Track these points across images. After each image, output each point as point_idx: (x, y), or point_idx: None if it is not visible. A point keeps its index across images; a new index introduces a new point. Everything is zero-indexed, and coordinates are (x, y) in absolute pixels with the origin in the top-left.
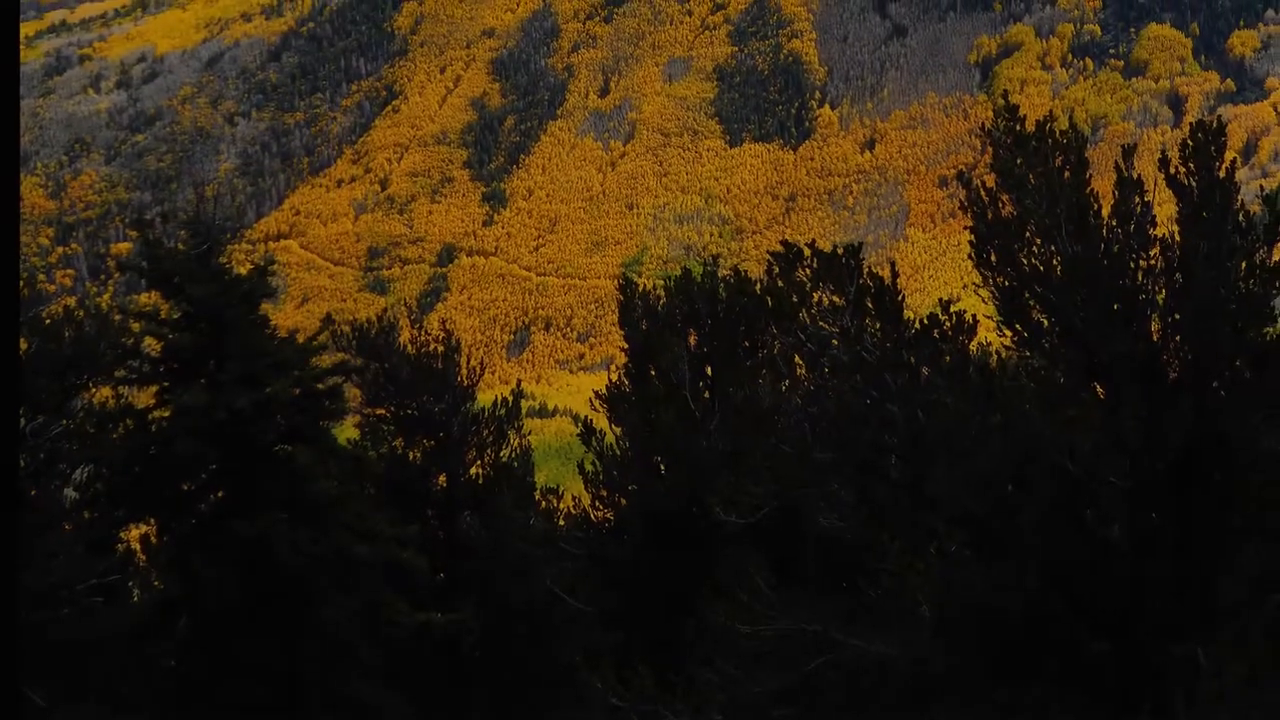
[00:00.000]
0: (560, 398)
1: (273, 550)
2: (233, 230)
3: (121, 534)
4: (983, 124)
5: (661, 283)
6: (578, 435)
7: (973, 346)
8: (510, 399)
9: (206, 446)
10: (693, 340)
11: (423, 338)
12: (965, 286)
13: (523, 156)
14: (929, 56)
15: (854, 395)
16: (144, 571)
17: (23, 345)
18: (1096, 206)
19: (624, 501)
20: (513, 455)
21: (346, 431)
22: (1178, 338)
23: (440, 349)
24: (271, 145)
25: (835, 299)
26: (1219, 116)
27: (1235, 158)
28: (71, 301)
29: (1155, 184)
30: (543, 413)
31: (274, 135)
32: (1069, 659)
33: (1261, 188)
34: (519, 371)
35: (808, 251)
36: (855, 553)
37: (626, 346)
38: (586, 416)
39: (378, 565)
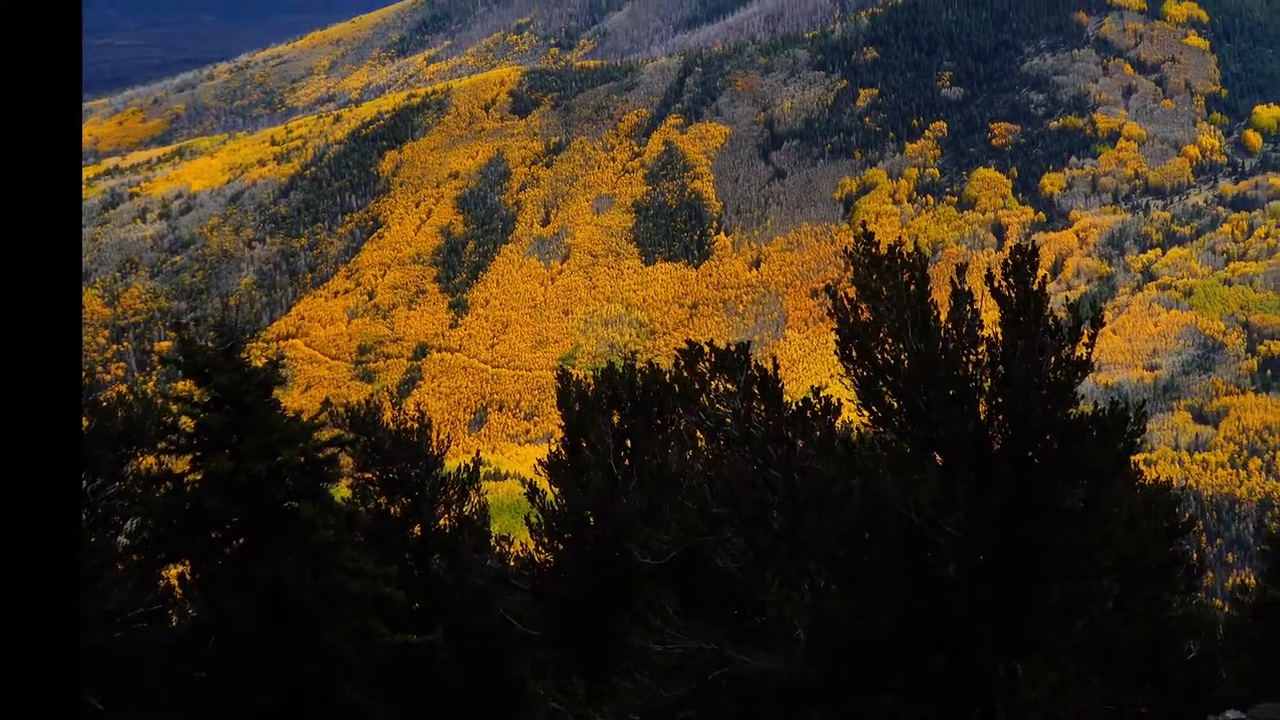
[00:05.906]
0: (511, 465)
1: (283, 586)
2: (251, 332)
3: (162, 573)
4: (845, 247)
5: (591, 373)
6: (525, 494)
7: (838, 424)
8: (471, 466)
9: (230, 504)
10: (616, 419)
11: (401, 417)
12: (832, 376)
13: (481, 273)
14: (803, 194)
15: (744, 463)
16: (180, 603)
17: (85, 423)
18: (936, 313)
19: (561, 547)
20: (473, 510)
21: (341, 491)
22: (1000, 417)
23: (415, 426)
24: (282, 264)
25: (729, 386)
26: (1033, 241)
27: (1046, 274)
28: (123, 388)
29: (982, 295)
30: (497, 476)
31: (284, 256)
32: (914, 673)
33: (1066, 298)
34: (478, 444)
35: (707, 349)
36: (745, 587)
37: (563, 424)
38: (531, 480)
39: (366, 597)
